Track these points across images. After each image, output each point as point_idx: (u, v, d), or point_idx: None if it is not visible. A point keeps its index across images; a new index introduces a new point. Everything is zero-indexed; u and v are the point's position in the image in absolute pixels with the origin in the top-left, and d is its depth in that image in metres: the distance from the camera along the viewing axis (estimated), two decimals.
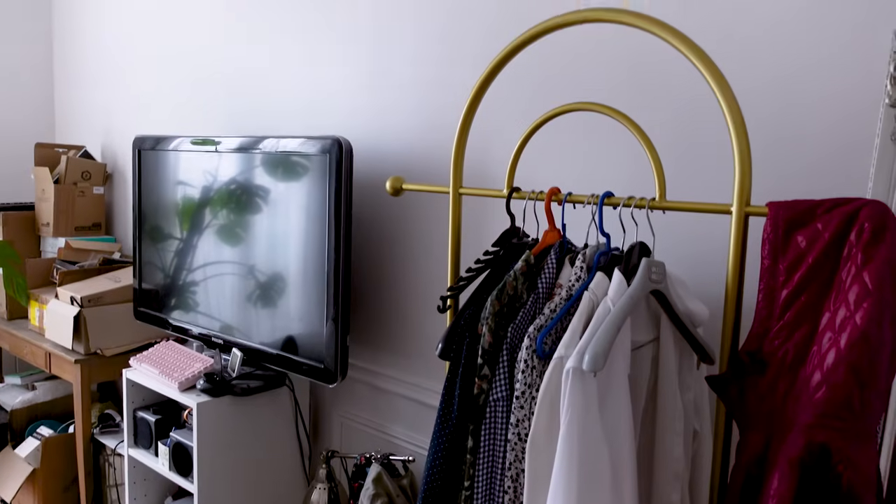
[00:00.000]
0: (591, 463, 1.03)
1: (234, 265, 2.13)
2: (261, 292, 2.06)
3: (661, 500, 1.24)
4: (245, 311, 2.10)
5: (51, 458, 2.66)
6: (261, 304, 2.06)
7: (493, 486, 1.14)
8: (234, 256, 2.13)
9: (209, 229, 2.21)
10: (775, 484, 0.94)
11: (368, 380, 2.13)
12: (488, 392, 1.15)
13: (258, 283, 2.06)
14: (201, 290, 2.26)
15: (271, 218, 2.02)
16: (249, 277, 2.09)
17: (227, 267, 2.16)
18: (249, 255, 2.08)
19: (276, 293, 2.01)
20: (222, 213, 2.16)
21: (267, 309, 2.04)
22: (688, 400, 1.29)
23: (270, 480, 2.12)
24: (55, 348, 2.59)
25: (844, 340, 0.92)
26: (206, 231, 2.22)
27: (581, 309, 1.12)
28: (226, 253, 2.16)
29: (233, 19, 2.49)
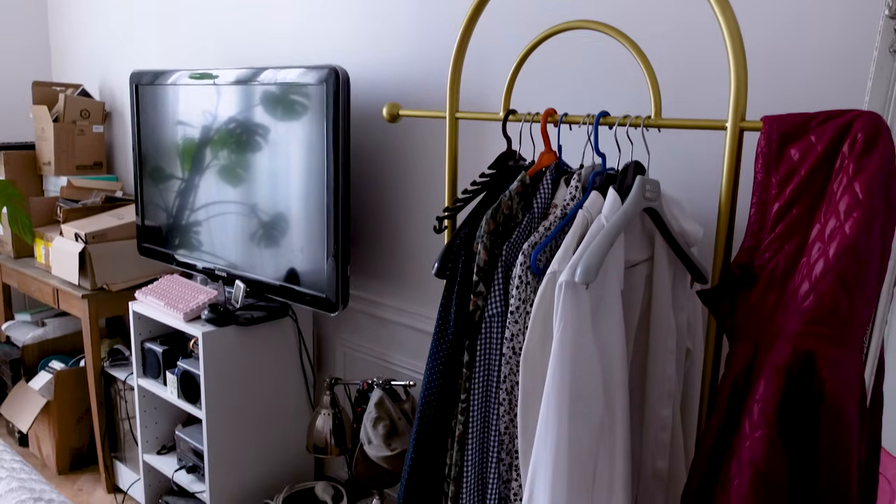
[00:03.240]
0: (583, 375, 1.06)
1: (235, 203, 2.14)
2: (263, 228, 2.07)
3: (652, 416, 1.28)
4: (248, 246, 2.12)
5: (63, 391, 2.74)
6: (263, 239, 2.08)
7: (488, 398, 1.17)
8: (236, 193, 2.14)
9: (210, 168, 2.21)
10: (761, 390, 0.96)
11: (369, 310, 2.16)
12: (483, 308, 1.18)
13: (260, 220, 2.08)
14: (204, 228, 2.27)
15: (271, 152, 2.01)
16: (251, 214, 2.10)
17: (229, 205, 2.17)
18: (250, 192, 2.09)
19: (278, 227, 2.03)
20: (222, 152, 2.16)
21: (269, 243, 2.06)
22: (681, 319, 1.31)
23: (276, 407, 2.18)
24: (62, 284, 2.63)
25: (833, 250, 0.93)
26: (208, 169, 2.22)
27: (575, 226, 1.13)
28: (227, 190, 2.17)
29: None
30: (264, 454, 2.18)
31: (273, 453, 2.20)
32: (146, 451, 2.34)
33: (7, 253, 3.02)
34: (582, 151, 1.31)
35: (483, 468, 1.19)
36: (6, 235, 3.00)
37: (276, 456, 2.21)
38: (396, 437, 1.84)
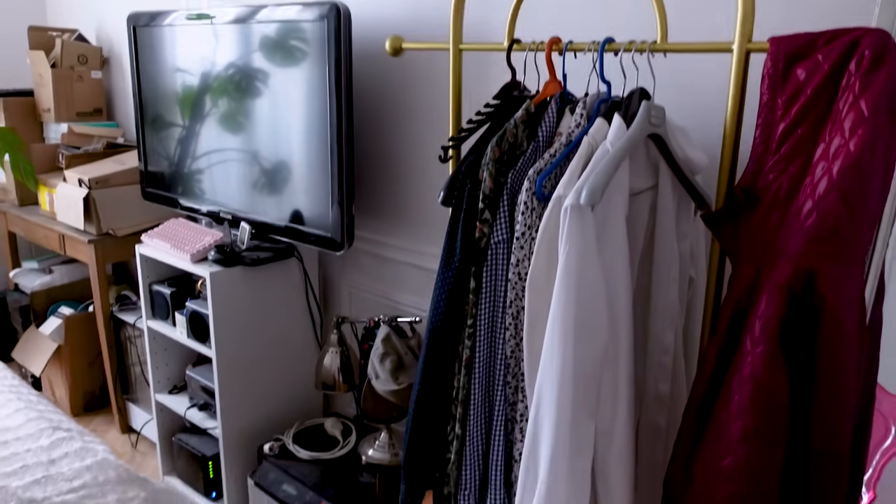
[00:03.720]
0: (588, 298, 1.08)
1: (238, 147, 2.14)
2: (266, 170, 2.07)
3: (655, 341, 1.31)
4: (252, 189, 2.13)
5: (74, 335, 2.79)
6: (267, 181, 2.08)
7: (494, 323, 1.20)
8: (239, 136, 2.13)
9: (212, 113, 2.20)
10: (762, 307, 0.98)
11: (374, 250, 2.18)
12: (489, 236, 1.19)
13: (263, 162, 2.08)
14: (208, 174, 2.27)
15: (272, 93, 2.00)
16: (254, 156, 2.10)
17: (232, 150, 2.17)
18: (253, 133, 2.08)
19: (282, 169, 2.03)
20: (223, 97, 2.15)
21: (273, 185, 2.07)
22: (684, 247, 1.32)
23: (284, 346, 2.22)
24: (68, 230, 2.65)
25: (837, 168, 0.94)
26: (210, 115, 2.21)
27: (580, 152, 1.13)
28: (231, 131, 2.16)
29: None
30: (274, 392, 2.23)
31: (282, 391, 2.25)
32: (158, 392, 2.39)
33: (11, 201, 3.03)
34: (587, 80, 1.30)
35: (490, 391, 1.22)
36: (9, 183, 3.00)
37: (286, 394, 2.26)
38: (403, 371, 1.88)
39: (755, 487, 1.00)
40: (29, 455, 1.37)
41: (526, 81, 1.41)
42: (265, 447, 2.08)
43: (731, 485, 1.01)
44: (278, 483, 1.97)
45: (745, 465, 0.99)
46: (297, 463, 2.03)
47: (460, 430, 1.25)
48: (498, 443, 1.22)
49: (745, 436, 0.98)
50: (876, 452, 1.91)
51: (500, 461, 1.22)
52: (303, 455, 2.04)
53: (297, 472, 1.98)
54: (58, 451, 1.39)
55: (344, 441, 2.11)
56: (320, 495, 1.89)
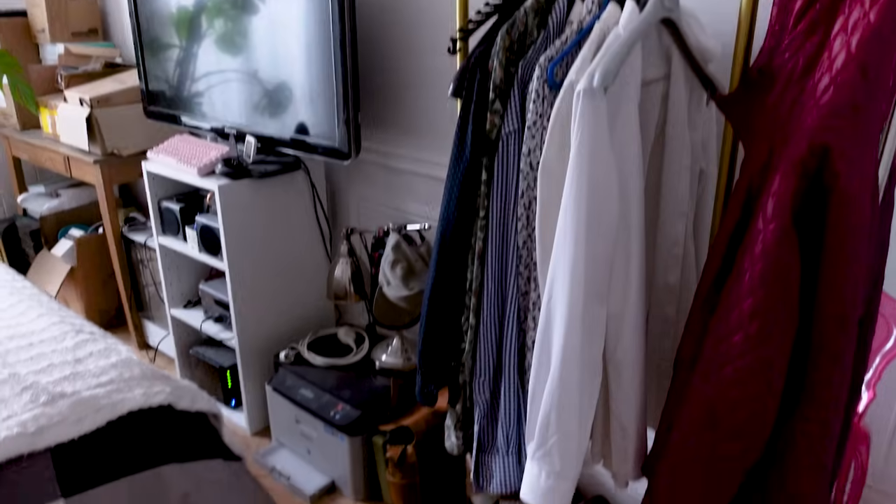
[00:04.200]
0: (600, 184, 1.09)
1: (241, 61, 2.10)
2: (270, 79, 2.05)
3: (665, 232, 1.32)
4: (256, 99, 2.10)
5: (86, 256, 2.82)
6: (271, 91, 2.05)
7: (506, 214, 1.21)
8: (241, 50, 2.09)
9: (212, 28, 2.15)
10: (776, 184, 0.99)
11: (381, 161, 2.18)
12: (500, 127, 1.19)
13: (266, 71, 2.04)
14: (211, 89, 2.24)
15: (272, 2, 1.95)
16: (258, 67, 2.06)
17: (235, 62, 2.13)
18: (255, 42, 2.04)
19: (286, 78, 2.00)
20: (221, 10, 2.10)
21: (278, 96, 2.04)
22: (696, 138, 1.32)
23: (295, 258, 2.25)
24: (73, 152, 2.64)
25: (856, 40, 0.92)
26: (211, 29, 2.16)
27: (592, 38, 1.11)
28: (232, 47, 2.12)
29: None
30: (286, 303, 2.27)
31: (294, 302, 2.29)
32: (173, 307, 2.43)
33: (13, 125, 3.01)
34: None
35: (503, 281, 1.24)
36: (10, 107, 2.97)
37: (298, 305, 2.30)
38: (413, 277, 1.91)
39: (764, 364, 1.03)
40: (55, 355, 1.41)
41: None
42: (281, 355, 2.14)
43: (739, 361, 1.04)
44: (295, 388, 2.04)
45: (756, 342, 1.02)
46: (312, 369, 2.08)
47: (474, 320, 1.28)
48: (511, 331, 1.25)
49: (755, 312, 1.00)
50: (877, 355, 1.95)
51: (513, 349, 1.26)
52: (318, 361, 2.10)
53: (314, 378, 2.04)
54: (82, 350, 1.43)
55: (357, 348, 2.17)
56: (337, 398, 1.95)
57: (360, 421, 1.90)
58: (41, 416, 1.21)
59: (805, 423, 1.05)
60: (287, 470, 2.08)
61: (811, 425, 1.05)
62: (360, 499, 2.00)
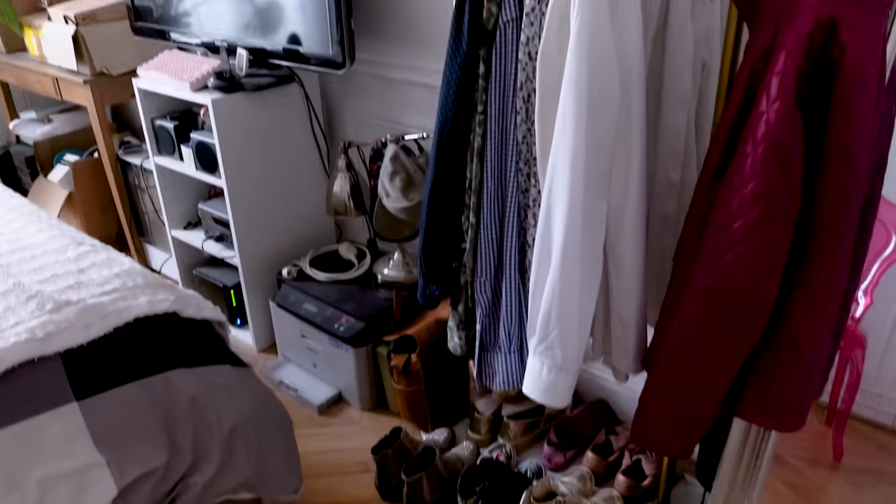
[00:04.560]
0: (601, 71, 1.06)
1: None
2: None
3: (667, 125, 1.30)
4: (246, 10, 2.04)
5: (83, 181, 2.80)
6: (260, 2, 1.99)
7: (505, 108, 1.18)
8: None
9: None
10: (780, 62, 0.96)
11: (377, 71, 2.13)
12: (498, 15, 1.15)
13: None
14: (198, 1, 2.17)
15: None
16: None
17: None
18: None
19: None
20: None
21: (267, 6, 1.97)
22: (698, 29, 1.28)
23: (293, 175, 2.23)
24: (61, 73, 2.58)
25: None
26: None
27: None
28: None
29: None
30: (287, 220, 2.26)
31: (294, 219, 2.29)
32: (173, 228, 2.43)
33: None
34: None
35: (503, 178, 1.23)
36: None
37: (298, 222, 2.30)
38: (413, 188, 1.89)
39: (765, 250, 1.02)
40: (58, 265, 1.41)
41: None
42: (283, 271, 2.15)
43: (739, 248, 1.03)
44: (299, 303, 2.06)
45: (756, 228, 1.01)
46: (315, 284, 2.10)
47: (474, 218, 1.27)
48: (511, 229, 1.25)
49: (756, 196, 0.99)
50: (876, 260, 1.95)
51: (514, 247, 1.26)
52: (320, 277, 2.11)
53: (317, 292, 2.05)
54: (85, 261, 1.44)
55: (359, 263, 2.17)
56: (340, 311, 1.97)
57: (364, 332, 1.93)
58: (48, 323, 1.22)
59: (803, 309, 1.05)
60: (295, 383, 2.13)
61: (810, 311, 1.05)
62: (366, 408, 2.05)
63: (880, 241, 1.88)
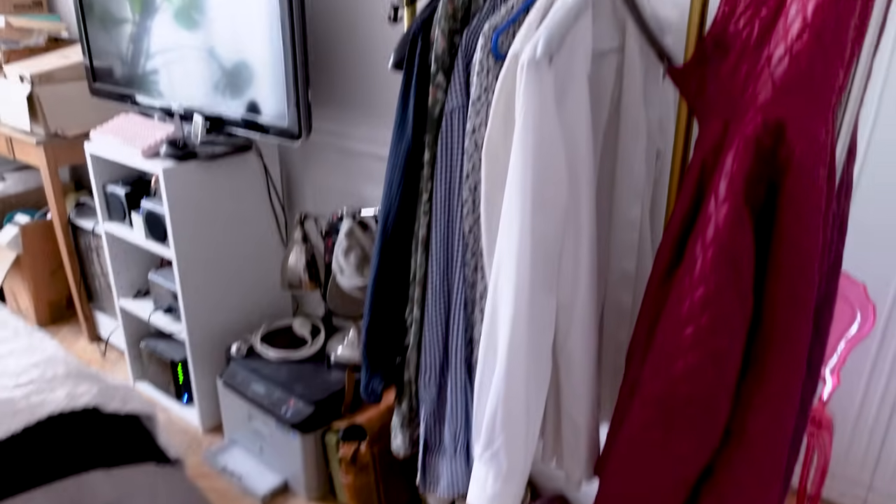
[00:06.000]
0: (547, 160, 1.01)
1: (187, 39, 1.99)
2: (218, 55, 1.94)
3: (620, 215, 1.25)
4: (203, 77, 1.99)
5: (32, 244, 2.69)
6: (218, 68, 1.94)
7: (451, 198, 1.13)
8: (189, 21, 1.98)
9: (159, 5, 2.04)
10: (728, 163, 0.92)
11: (337, 142, 2.08)
12: (444, 102, 1.10)
13: (214, 47, 1.93)
14: (156, 67, 2.13)
15: None
16: (205, 43, 1.95)
17: (181, 40, 2.01)
18: (203, 17, 1.93)
19: (234, 55, 1.89)
20: None
21: (225, 73, 1.93)
22: (652, 117, 1.25)
23: (248, 245, 2.15)
24: (15, 132, 2.50)
25: (812, 5, 0.85)
26: (158, 6, 2.04)
27: (539, 4, 1.03)
28: (179, 23, 2.00)
29: None
30: (240, 292, 2.17)
31: (249, 292, 2.20)
32: (122, 297, 2.33)
33: None
34: None
35: (449, 270, 1.16)
36: None
37: (253, 294, 2.21)
38: (368, 265, 1.82)
39: (716, 357, 0.96)
40: None
41: None
42: (233, 348, 2.05)
43: (690, 355, 0.97)
44: (247, 383, 1.95)
45: (707, 334, 0.95)
46: (265, 363, 2.00)
47: (419, 312, 1.20)
48: (458, 324, 1.18)
49: (706, 301, 0.94)
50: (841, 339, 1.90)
51: (460, 343, 1.18)
52: (271, 355, 2.01)
53: (266, 372, 1.95)
54: (3, 348, 1.34)
55: (312, 340, 2.08)
56: (289, 393, 1.87)
57: (312, 418, 1.82)
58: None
59: (759, 419, 0.98)
60: (238, 469, 2.00)
61: (766, 420, 0.99)
62: (313, 498, 1.92)
63: (845, 319, 1.83)
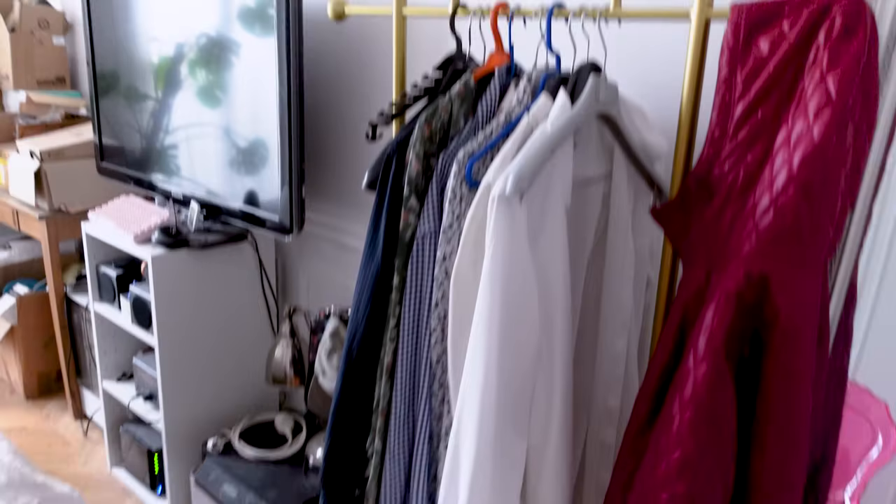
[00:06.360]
0: (517, 299, 0.95)
1: (193, 125, 2.00)
2: (219, 146, 1.94)
3: (606, 348, 1.18)
4: (202, 166, 1.99)
5: (27, 315, 2.67)
6: (217, 158, 1.94)
7: (419, 325, 1.07)
8: (192, 114, 1.99)
9: (171, 87, 2.06)
10: (708, 318, 0.85)
11: (333, 236, 2.05)
12: (416, 226, 1.06)
13: (215, 140, 1.94)
14: (160, 149, 2.14)
15: (224, 66, 1.86)
16: (207, 135, 1.96)
17: (190, 127, 2.03)
18: (204, 112, 1.94)
19: (233, 146, 1.89)
20: (185, 70, 2.00)
21: (224, 163, 1.93)
22: (642, 245, 1.19)
23: (236, 336, 2.10)
24: (21, 205, 2.52)
25: (798, 157, 0.80)
26: (169, 88, 2.07)
27: (516, 133, 0.99)
28: (184, 110, 2.02)
29: None
30: (224, 384, 2.11)
31: (233, 383, 2.13)
32: (106, 378, 2.27)
33: None
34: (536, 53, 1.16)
35: (413, 402, 1.09)
36: None
37: (237, 386, 2.14)
38: None
39: None
40: None
41: (476, 51, 1.27)
42: (209, 443, 1.97)
43: None
44: (219, 483, 1.86)
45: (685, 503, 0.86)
46: (241, 462, 1.91)
47: (380, 444, 1.12)
48: (421, 459, 1.09)
49: (683, 467, 0.85)
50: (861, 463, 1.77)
51: (423, 479, 1.10)
52: (247, 453, 1.92)
53: (241, 472, 1.86)
54: None
55: (293, 439, 1.99)
56: (261, 498, 1.77)
57: None
58: None
59: None
60: None
61: None
62: None
63: (866, 440, 1.71)
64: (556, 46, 1.07)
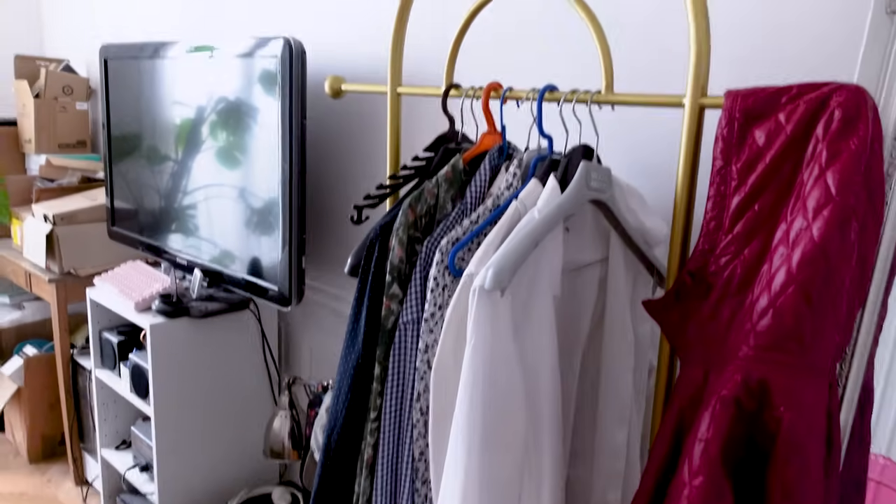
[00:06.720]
0: (500, 394, 0.89)
1: (198, 190, 2.01)
2: (221, 216, 1.93)
3: (605, 441, 1.11)
4: (205, 235, 1.98)
5: (34, 377, 2.65)
6: (219, 229, 1.93)
7: (401, 418, 1.01)
8: (196, 180, 2.00)
9: (195, 152, 2.08)
10: (703, 426, 0.78)
11: (335, 306, 2.01)
12: (398, 314, 1.01)
13: (217, 210, 1.93)
14: (168, 217, 2.14)
15: (229, 136, 1.87)
16: (210, 203, 1.96)
17: (193, 193, 2.03)
18: (207, 179, 1.95)
19: (234, 218, 1.88)
20: (197, 136, 2.02)
21: (227, 232, 1.92)
22: (644, 332, 1.13)
23: (236, 407, 2.05)
24: (33, 267, 2.53)
25: (798, 257, 0.74)
26: (189, 153, 2.09)
27: (503, 221, 0.95)
28: (189, 176, 2.03)
29: None
30: (222, 457, 2.05)
31: (232, 456, 2.07)
32: (105, 446, 2.23)
33: None
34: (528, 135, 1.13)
35: (394, 499, 1.02)
36: None
37: (236, 458, 2.08)
38: None
39: None
40: None
41: (469, 131, 1.24)
42: None
43: None
44: None
45: None
46: None
47: None
48: None
49: None
50: None
51: None
52: None
53: None
54: None
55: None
56: None
57: None
58: None
59: None
60: None
61: None
62: None
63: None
64: (549, 128, 1.04)
